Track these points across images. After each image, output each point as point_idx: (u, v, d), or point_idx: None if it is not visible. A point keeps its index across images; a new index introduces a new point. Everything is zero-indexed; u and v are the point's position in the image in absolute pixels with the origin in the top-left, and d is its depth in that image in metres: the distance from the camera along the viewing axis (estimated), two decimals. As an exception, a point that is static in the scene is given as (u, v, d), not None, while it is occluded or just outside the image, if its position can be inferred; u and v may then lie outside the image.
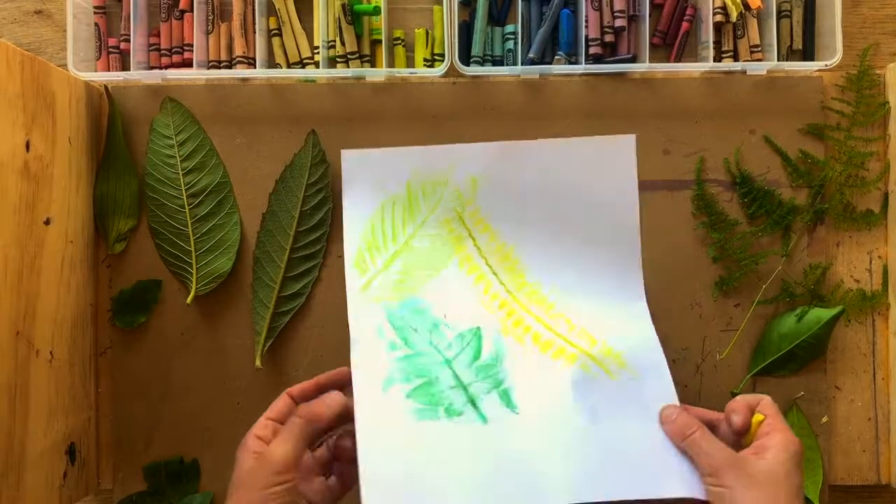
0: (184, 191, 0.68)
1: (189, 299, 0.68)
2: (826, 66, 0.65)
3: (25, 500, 0.58)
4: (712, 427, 0.56)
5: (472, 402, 0.60)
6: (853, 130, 0.67)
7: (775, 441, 0.52)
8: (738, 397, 0.56)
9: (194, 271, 0.68)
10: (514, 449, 0.58)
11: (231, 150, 0.69)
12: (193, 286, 0.68)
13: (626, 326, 0.63)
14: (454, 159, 0.66)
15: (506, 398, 0.61)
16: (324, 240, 0.68)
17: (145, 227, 0.69)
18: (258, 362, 0.67)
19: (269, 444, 0.53)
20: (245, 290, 0.68)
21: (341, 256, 0.68)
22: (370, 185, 0.66)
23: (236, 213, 0.68)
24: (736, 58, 0.68)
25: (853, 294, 0.67)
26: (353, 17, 0.68)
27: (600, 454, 0.57)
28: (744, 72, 0.68)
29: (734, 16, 0.67)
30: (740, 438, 0.55)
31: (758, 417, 0.54)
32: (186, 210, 0.68)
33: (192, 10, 0.69)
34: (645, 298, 0.65)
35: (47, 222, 0.61)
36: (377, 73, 0.68)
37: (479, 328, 0.64)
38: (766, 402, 0.55)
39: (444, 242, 0.66)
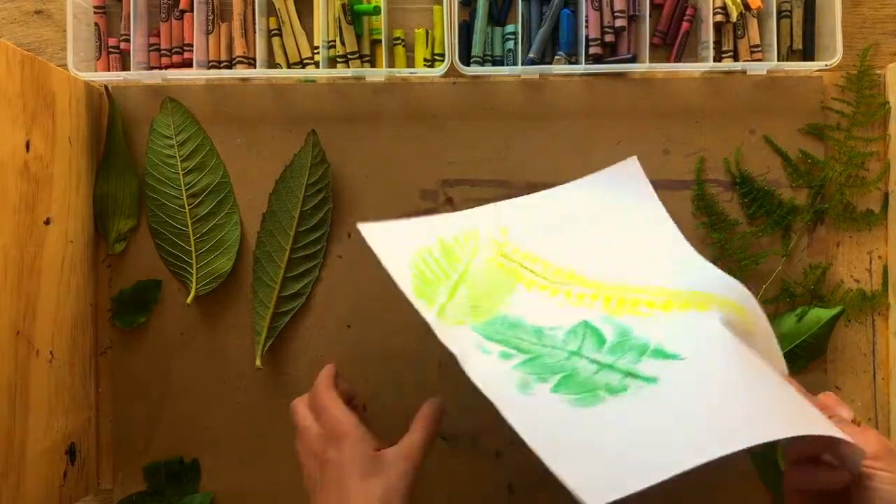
0: (184, 191, 0.68)
1: (189, 299, 0.68)
2: (826, 66, 0.65)
3: (25, 500, 0.58)
4: None
5: (631, 374, 0.53)
6: (853, 130, 0.67)
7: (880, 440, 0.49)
8: (826, 393, 0.53)
9: (194, 271, 0.68)
10: (692, 392, 0.52)
11: (231, 150, 0.69)
12: (193, 286, 0.68)
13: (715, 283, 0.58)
14: (476, 219, 0.63)
15: (661, 354, 0.54)
16: (324, 240, 0.68)
17: (145, 227, 0.69)
18: (258, 362, 0.67)
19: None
20: (245, 290, 0.69)
21: (341, 256, 0.68)
22: (399, 240, 0.61)
23: (236, 213, 0.68)
24: (736, 58, 0.68)
25: (853, 294, 0.67)
26: (353, 17, 0.68)
27: (769, 390, 0.51)
28: (744, 72, 0.68)
29: (734, 16, 0.67)
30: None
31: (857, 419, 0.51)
32: (186, 210, 0.68)
33: (192, 10, 0.69)
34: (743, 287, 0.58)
35: (47, 222, 0.61)
36: (377, 73, 0.68)
37: (585, 321, 0.57)
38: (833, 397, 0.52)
39: (500, 274, 0.61)
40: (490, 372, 0.53)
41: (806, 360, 0.66)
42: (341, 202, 0.69)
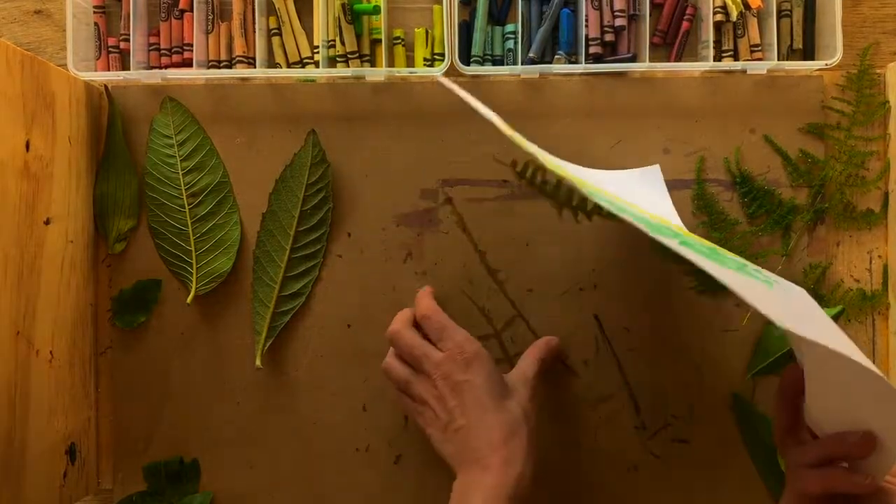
0: (184, 190, 0.68)
1: (189, 299, 0.68)
2: (826, 65, 0.65)
3: (25, 500, 0.58)
4: None
5: (744, 267, 0.53)
6: (853, 130, 0.67)
7: None
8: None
9: (194, 271, 0.68)
10: (800, 313, 0.51)
11: (231, 150, 0.69)
12: (193, 286, 0.68)
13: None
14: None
15: (758, 274, 0.53)
16: (324, 240, 0.68)
17: (145, 227, 0.69)
18: (258, 362, 0.67)
19: None
20: (245, 290, 0.68)
21: (341, 256, 0.68)
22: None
23: (236, 213, 0.68)
24: (736, 57, 0.68)
25: (853, 294, 0.67)
26: (353, 16, 0.68)
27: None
28: (744, 71, 0.68)
29: (734, 15, 0.67)
30: None
31: None
32: (186, 210, 0.68)
33: (192, 10, 0.69)
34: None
35: (47, 222, 0.61)
36: (377, 73, 0.68)
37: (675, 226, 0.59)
38: None
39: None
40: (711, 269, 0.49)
41: (806, 360, 0.66)
42: (341, 202, 0.69)
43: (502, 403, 0.52)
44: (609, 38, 0.68)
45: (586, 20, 0.67)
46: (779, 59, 0.67)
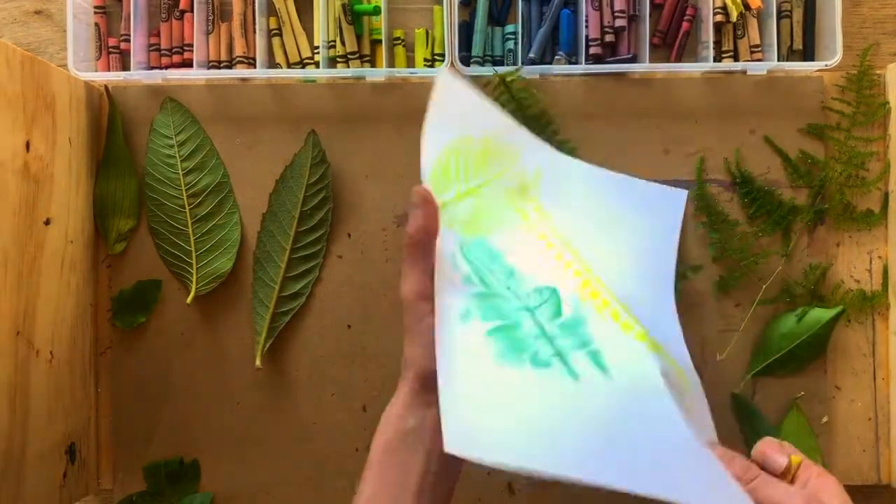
0: (184, 191, 0.68)
1: (189, 299, 0.68)
2: (826, 66, 0.65)
3: (25, 500, 0.58)
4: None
5: (560, 356, 0.52)
6: (853, 130, 0.67)
7: (829, 484, 0.49)
8: (758, 445, 0.53)
9: (194, 271, 0.68)
10: (602, 412, 0.51)
11: (231, 150, 0.69)
12: (193, 286, 0.68)
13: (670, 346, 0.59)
14: (525, 142, 0.61)
15: (596, 359, 0.52)
16: (324, 240, 0.68)
17: (145, 227, 0.69)
18: (258, 362, 0.67)
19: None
20: (245, 290, 0.69)
21: (341, 256, 0.68)
22: (457, 114, 0.58)
23: (236, 213, 0.68)
24: (736, 58, 0.68)
25: (853, 294, 0.67)
26: (353, 17, 0.68)
27: (676, 446, 0.51)
28: (744, 72, 0.68)
29: (734, 16, 0.67)
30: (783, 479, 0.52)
31: (796, 459, 0.52)
32: (186, 210, 0.68)
33: (192, 10, 0.69)
34: (681, 343, 0.61)
35: (47, 222, 0.61)
36: (377, 73, 0.68)
37: (555, 288, 0.55)
38: (785, 444, 0.53)
39: (513, 205, 0.59)
40: (447, 288, 0.52)
41: (806, 361, 0.66)
42: (341, 202, 0.69)
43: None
44: (609, 38, 0.68)
45: (586, 21, 0.67)
46: (779, 60, 0.67)
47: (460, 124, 0.58)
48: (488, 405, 0.49)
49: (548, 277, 0.56)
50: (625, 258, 0.61)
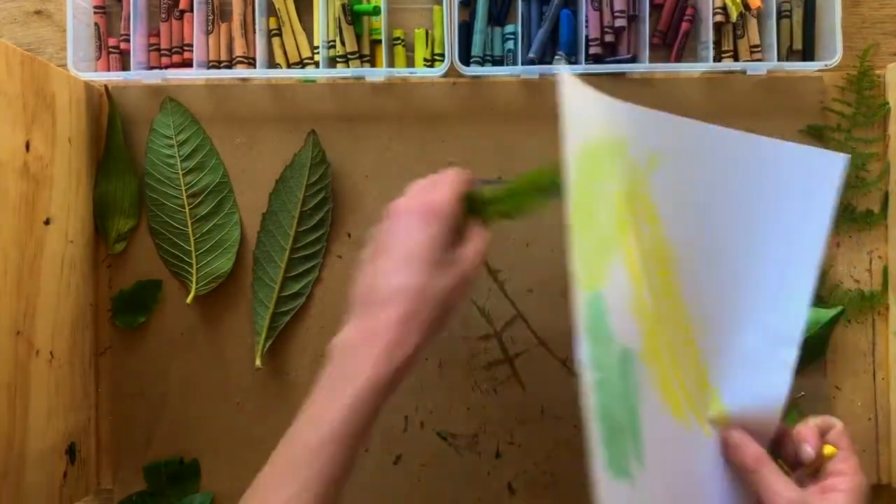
0: (184, 191, 0.68)
1: (189, 299, 0.68)
2: (826, 66, 0.65)
3: (25, 500, 0.58)
4: (778, 443, 0.52)
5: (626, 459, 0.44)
6: (854, 131, 0.67)
7: (845, 485, 0.48)
8: (809, 421, 0.51)
9: (194, 271, 0.68)
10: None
11: (231, 150, 0.69)
12: (193, 286, 0.68)
13: (753, 377, 0.51)
14: (638, 125, 0.52)
15: (636, 452, 0.44)
16: (324, 240, 0.68)
17: (145, 227, 0.69)
18: (258, 362, 0.67)
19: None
20: (245, 290, 0.69)
21: (341, 256, 0.68)
22: (589, 115, 0.50)
23: (236, 213, 0.68)
24: (736, 58, 0.68)
25: (853, 294, 0.67)
26: (353, 17, 0.68)
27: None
28: (744, 72, 0.68)
29: (734, 16, 0.67)
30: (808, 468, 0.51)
31: (829, 450, 0.49)
32: (186, 210, 0.68)
33: (192, 10, 0.69)
34: (797, 345, 0.51)
35: (47, 222, 0.61)
36: (377, 73, 0.68)
37: (628, 349, 0.45)
38: (838, 430, 0.51)
39: (614, 224, 0.48)
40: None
41: (806, 361, 0.66)
42: (341, 202, 0.69)
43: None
44: (609, 38, 0.68)
45: (586, 21, 0.67)
46: (779, 60, 0.67)
47: (595, 125, 0.50)
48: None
49: (627, 332, 0.46)
50: (757, 244, 0.53)
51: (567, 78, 0.48)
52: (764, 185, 0.53)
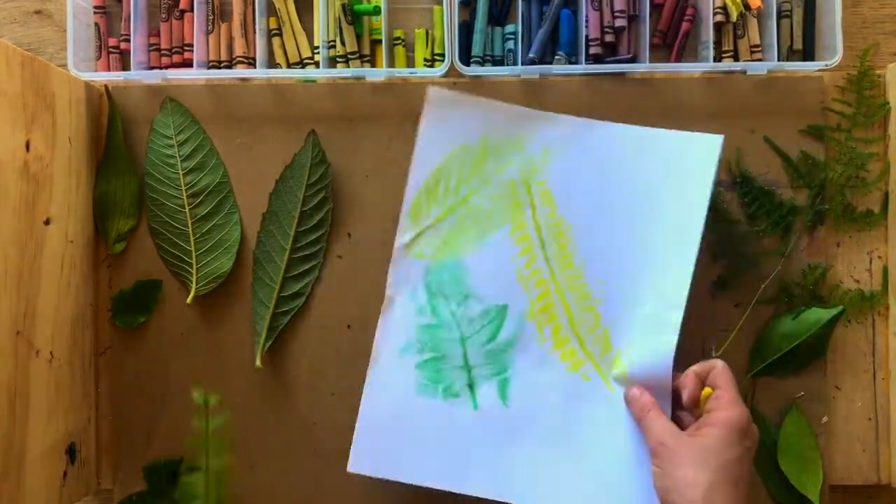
0: (184, 191, 0.68)
1: (189, 299, 0.68)
2: (826, 66, 0.65)
3: (25, 500, 0.58)
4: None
5: (471, 387, 0.63)
6: (854, 131, 0.67)
7: (717, 419, 0.52)
8: (690, 369, 0.58)
9: (194, 271, 0.68)
10: (495, 441, 0.62)
11: (231, 150, 0.69)
12: (193, 286, 0.68)
13: (648, 339, 0.61)
14: (534, 125, 0.64)
15: (502, 388, 0.63)
16: (324, 240, 0.68)
17: (145, 227, 0.69)
18: (258, 362, 0.67)
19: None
20: (245, 290, 0.68)
21: (341, 256, 0.68)
22: (447, 130, 0.64)
23: (236, 213, 0.68)
24: (736, 58, 0.68)
25: (853, 294, 0.67)
26: (353, 17, 0.68)
27: (572, 466, 0.60)
28: (744, 72, 0.68)
29: (734, 16, 0.67)
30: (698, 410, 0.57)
31: (706, 392, 0.56)
32: (186, 210, 0.68)
33: (192, 10, 0.69)
34: (683, 308, 0.60)
35: (47, 222, 0.61)
36: (377, 73, 0.68)
37: (506, 305, 0.63)
38: (717, 371, 0.56)
39: (504, 205, 0.64)
40: (394, 326, 0.64)
41: (806, 361, 0.66)
42: (341, 202, 0.69)
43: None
44: (609, 38, 0.68)
45: (586, 21, 0.67)
46: (779, 60, 0.67)
47: (454, 135, 0.62)
48: (400, 431, 0.62)
49: (505, 293, 0.63)
50: (644, 221, 0.62)
51: (435, 94, 0.63)
52: (647, 168, 0.63)
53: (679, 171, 0.62)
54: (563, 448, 0.61)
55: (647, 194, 0.62)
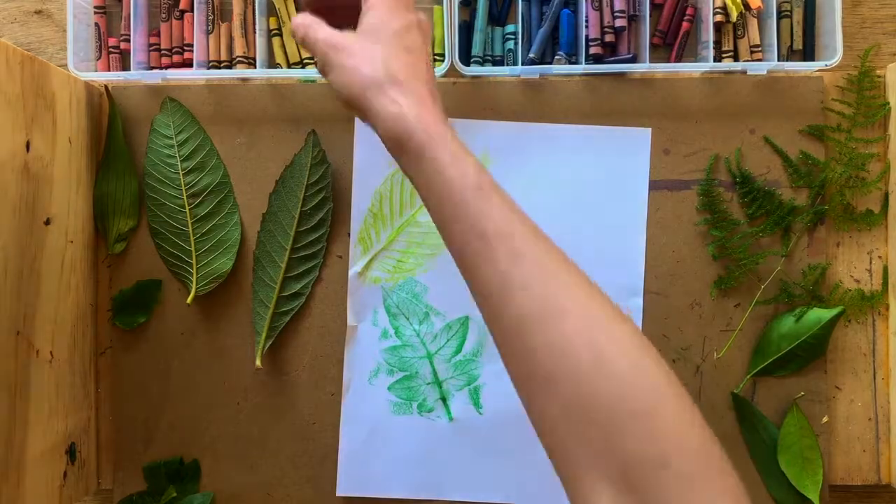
0: (184, 191, 0.68)
1: (189, 299, 0.68)
2: (826, 66, 0.65)
3: (25, 500, 0.58)
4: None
5: (443, 400, 0.66)
6: (854, 131, 0.67)
7: (374, 1, 0.49)
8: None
9: (194, 271, 0.68)
10: (473, 447, 0.65)
11: (231, 150, 0.69)
12: (193, 286, 0.68)
13: None
14: (468, 133, 0.66)
15: (474, 397, 0.66)
16: (324, 240, 0.68)
17: (145, 227, 0.69)
18: (258, 362, 0.67)
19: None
20: (245, 290, 0.68)
21: (342, 256, 0.68)
22: (381, 151, 0.60)
23: (236, 213, 0.68)
24: (736, 58, 0.68)
25: (853, 294, 0.67)
26: (354, 17, 0.68)
27: (548, 465, 0.59)
28: (744, 72, 0.68)
29: (734, 16, 0.67)
30: None
31: None
32: (186, 210, 0.68)
33: (192, 10, 0.69)
34: (642, 295, 0.65)
35: (47, 222, 0.61)
36: (377, 73, 0.68)
37: (467, 317, 0.66)
38: None
39: None
40: (361, 353, 0.66)
41: (806, 360, 0.66)
42: (341, 202, 0.69)
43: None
44: (609, 38, 0.68)
45: (586, 21, 0.67)
46: (779, 60, 0.67)
47: (389, 157, 0.60)
48: (382, 451, 0.66)
49: (464, 305, 0.65)
50: (588, 217, 0.66)
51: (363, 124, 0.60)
52: (583, 165, 0.66)
53: (614, 166, 0.66)
54: (538, 448, 0.60)
55: (586, 188, 0.66)
